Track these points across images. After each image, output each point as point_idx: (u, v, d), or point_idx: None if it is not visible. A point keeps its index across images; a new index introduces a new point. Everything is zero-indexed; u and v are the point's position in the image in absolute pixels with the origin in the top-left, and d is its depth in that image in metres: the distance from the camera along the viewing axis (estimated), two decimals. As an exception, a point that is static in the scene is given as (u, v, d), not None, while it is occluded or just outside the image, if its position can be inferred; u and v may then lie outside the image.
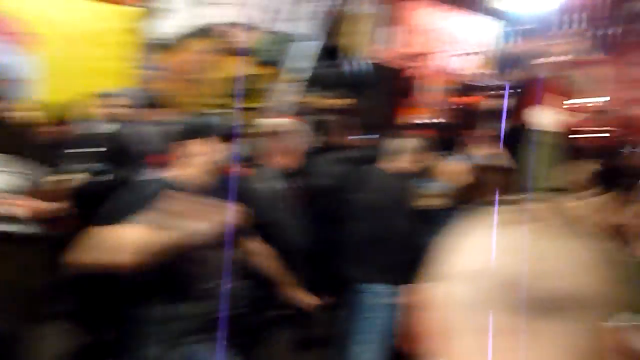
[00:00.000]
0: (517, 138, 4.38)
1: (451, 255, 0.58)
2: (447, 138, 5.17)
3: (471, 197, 2.70)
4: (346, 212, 3.19)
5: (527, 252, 0.53)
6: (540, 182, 3.72)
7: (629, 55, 8.06)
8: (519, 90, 4.60)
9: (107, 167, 2.88)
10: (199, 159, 2.13)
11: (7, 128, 2.35)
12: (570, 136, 5.46)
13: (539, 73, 4.48)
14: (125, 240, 1.72)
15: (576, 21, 6.13)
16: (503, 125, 4.67)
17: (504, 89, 4.96)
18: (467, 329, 0.53)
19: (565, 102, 4.49)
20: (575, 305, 0.51)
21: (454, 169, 3.20)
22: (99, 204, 2.01)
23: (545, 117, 4.37)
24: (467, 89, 6.19)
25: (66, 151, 3.02)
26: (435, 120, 5.84)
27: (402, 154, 3.08)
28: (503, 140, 4.33)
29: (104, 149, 2.96)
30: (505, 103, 4.89)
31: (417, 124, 6.00)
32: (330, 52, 5.61)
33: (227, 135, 2.19)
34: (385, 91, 5.49)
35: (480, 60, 7.60)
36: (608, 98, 6.29)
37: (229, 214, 2.24)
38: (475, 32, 7.57)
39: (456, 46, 7.41)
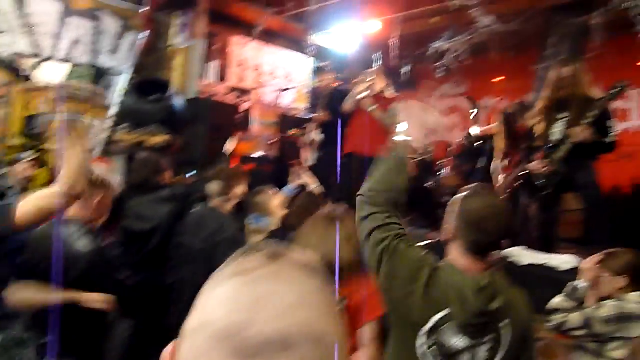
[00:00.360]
0: (344, 168, 4.66)
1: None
2: (275, 171, 5.26)
3: (293, 229, 2.73)
4: (172, 257, 3.01)
5: (246, 301, 0.53)
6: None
7: (432, 89, 9.19)
8: (342, 123, 4.90)
9: None
10: None
11: None
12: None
13: (354, 108, 4.82)
14: None
15: (384, 58, 6.77)
16: (333, 156, 4.93)
17: (324, 122, 5.21)
18: None
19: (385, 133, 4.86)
20: (297, 345, 0.50)
21: (278, 202, 3.22)
22: None
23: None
24: (290, 122, 6.39)
25: None
26: (262, 154, 5.93)
27: (228, 191, 3.01)
28: (329, 170, 4.54)
29: None
30: (331, 135, 5.13)
31: (245, 158, 6.01)
32: (147, 87, 5.37)
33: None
34: (209, 126, 5.40)
35: (300, 95, 7.97)
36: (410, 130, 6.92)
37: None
38: (295, 68, 7.93)
39: (279, 81, 7.68)
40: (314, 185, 3.36)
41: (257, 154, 6.70)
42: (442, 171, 7.21)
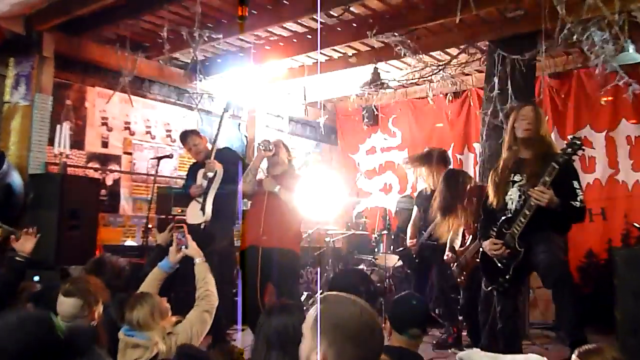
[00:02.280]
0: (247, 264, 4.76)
1: None
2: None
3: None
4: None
5: None
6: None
7: (359, 142, 9.52)
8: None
9: None
10: None
11: None
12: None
13: (254, 188, 4.95)
14: None
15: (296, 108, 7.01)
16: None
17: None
18: None
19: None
20: None
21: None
22: None
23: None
24: (173, 198, 6.34)
25: None
26: (136, 244, 5.82)
27: (87, 312, 2.92)
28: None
29: None
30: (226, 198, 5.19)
31: (112, 250, 5.86)
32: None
33: None
34: (63, 210, 5.26)
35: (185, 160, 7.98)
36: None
37: None
38: (177, 125, 7.96)
39: (156, 144, 7.65)
40: (200, 259, 3.38)
41: (129, 243, 6.54)
42: (378, 249, 7.39)
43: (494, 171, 4.17)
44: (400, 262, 7.14)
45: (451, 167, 6.06)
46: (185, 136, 5.66)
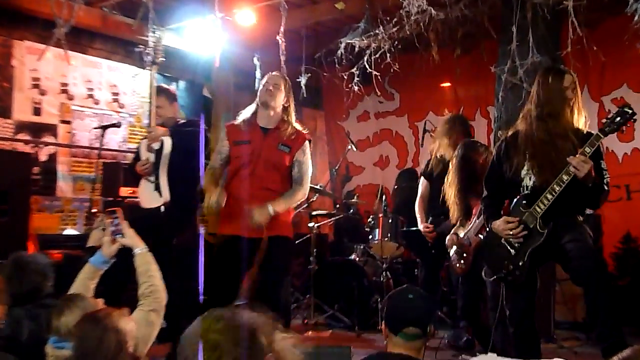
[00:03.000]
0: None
1: None
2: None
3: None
4: None
5: None
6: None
7: (348, 106, 9.47)
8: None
9: None
10: None
11: None
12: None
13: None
14: None
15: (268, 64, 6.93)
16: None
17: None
18: None
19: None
20: None
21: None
22: None
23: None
24: (123, 176, 6.29)
25: None
26: (76, 232, 5.79)
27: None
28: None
29: None
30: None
31: (48, 240, 5.82)
32: None
33: None
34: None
35: (136, 130, 7.91)
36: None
37: None
38: (125, 86, 7.88)
39: (100, 109, 7.58)
40: (140, 249, 3.32)
41: (69, 232, 6.49)
42: (372, 235, 7.35)
43: (508, 141, 4.13)
44: (399, 251, 7.11)
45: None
46: (156, 94, 5.42)
